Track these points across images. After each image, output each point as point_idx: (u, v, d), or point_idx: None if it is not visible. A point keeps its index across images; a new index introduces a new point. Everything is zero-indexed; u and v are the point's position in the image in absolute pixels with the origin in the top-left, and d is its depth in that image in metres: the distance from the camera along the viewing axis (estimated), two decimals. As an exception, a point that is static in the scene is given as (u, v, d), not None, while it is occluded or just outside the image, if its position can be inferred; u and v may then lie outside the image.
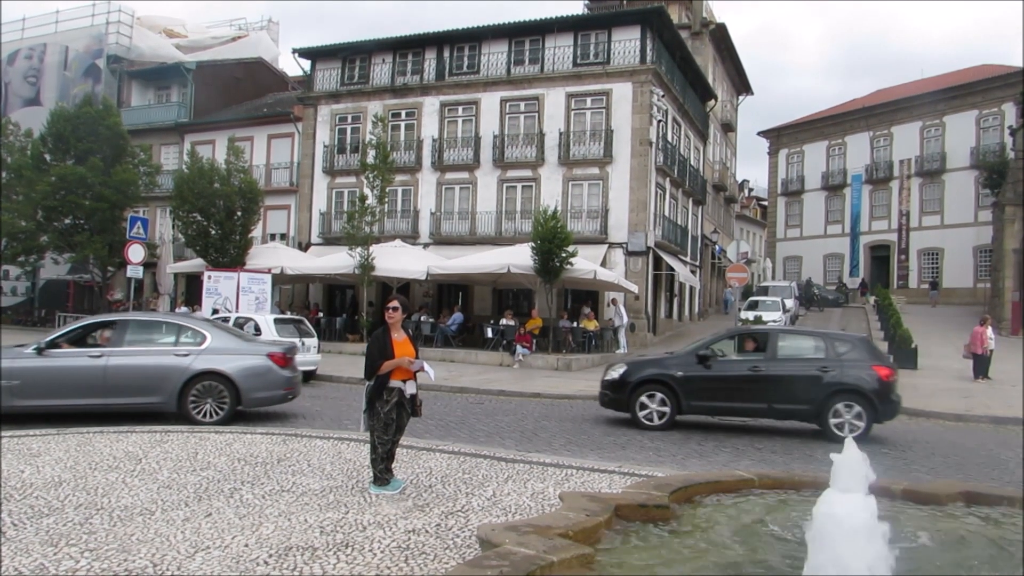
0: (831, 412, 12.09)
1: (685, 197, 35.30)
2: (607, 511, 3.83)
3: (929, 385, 19.27)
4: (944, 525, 4.07)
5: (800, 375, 12.35)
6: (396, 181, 29.74)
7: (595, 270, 24.06)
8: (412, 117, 32.18)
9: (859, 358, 12.47)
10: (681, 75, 33.66)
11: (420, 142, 31.71)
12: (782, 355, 12.79)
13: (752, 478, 4.75)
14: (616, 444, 11.12)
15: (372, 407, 7.22)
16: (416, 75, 32.43)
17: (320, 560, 5.06)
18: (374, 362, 7.22)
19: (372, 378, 7.22)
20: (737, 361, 12.86)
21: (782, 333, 13.95)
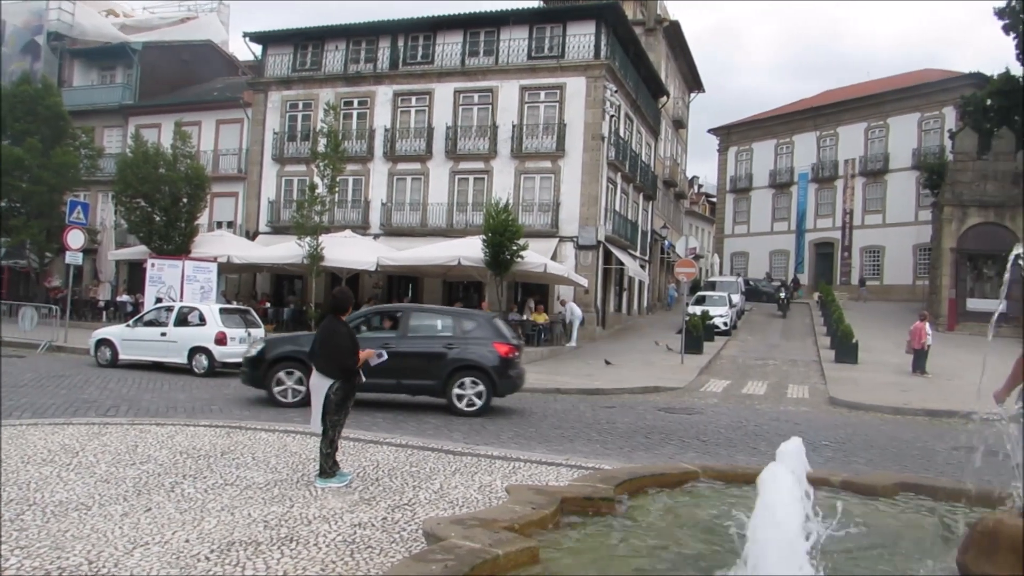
0: (455, 387, 12.77)
1: (636, 192, 35.58)
2: (553, 504, 3.84)
3: (869, 379, 19.75)
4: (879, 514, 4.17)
5: (426, 352, 12.94)
6: (347, 170, 29.34)
7: (545, 263, 24.12)
8: (364, 106, 31.85)
9: (483, 336, 13.04)
10: (634, 71, 33.88)
11: (372, 131, 31.41)
12: (413, 333, 13.22)
13: (696, 470, 4.81)
14: (564, 437, 11.18)
15: (344, 404, 7.19)
16: (370, 64, 32.10)
17: (264, 555, 4.99)
18: (352, 357, 7.19)
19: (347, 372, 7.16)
20: (370, 339, 12.70)
21: (415, 312, 14.31)
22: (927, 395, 17.19)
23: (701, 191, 69.28)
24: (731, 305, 33.19)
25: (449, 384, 12.81)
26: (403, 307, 15.92)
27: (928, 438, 12.43)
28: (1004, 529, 2.83)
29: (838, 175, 50.76)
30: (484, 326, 13.32)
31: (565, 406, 14.60)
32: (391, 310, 15.09)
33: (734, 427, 12.79)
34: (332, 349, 7.16)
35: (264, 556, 4.96)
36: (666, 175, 44.13)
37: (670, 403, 15.60)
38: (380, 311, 14.93)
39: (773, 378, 20.48)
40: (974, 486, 3.87)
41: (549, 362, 22.50)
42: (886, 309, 38.69)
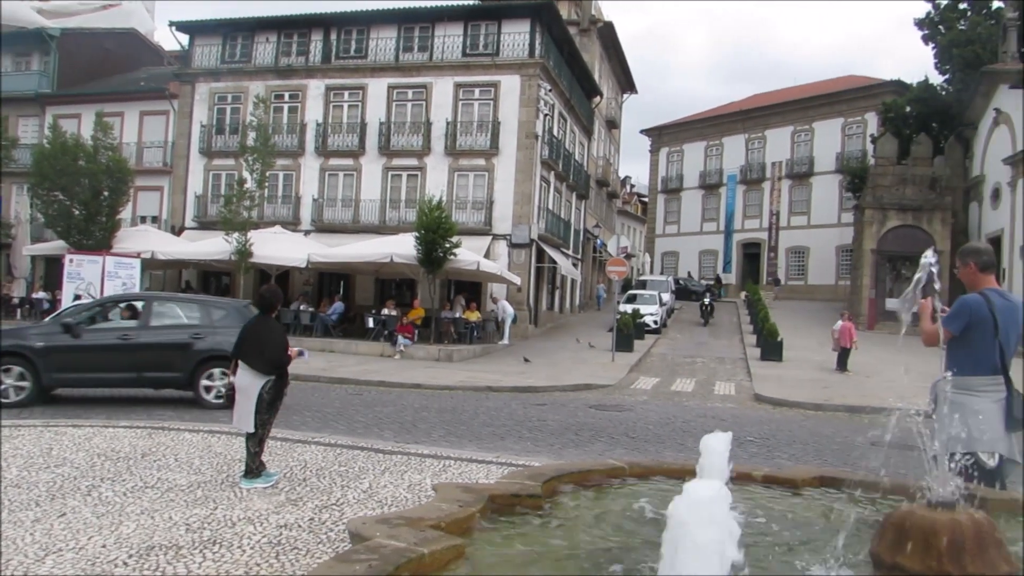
0: (203, 379, 12.13)
1: (569, 191, 35.84)
2: (481, 501, 3.83)
3: (792, 376, 20.28)
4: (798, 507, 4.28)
5: (169, 342, 12.16)
6: (277, 165, 28.90)
7: (479, 261, 24.11)
8: (296, 100, 31.33)
9: (234, 325, 11.96)
10: (568, 71, 34.11)
11: (304, 126, 30.93)
12: (156, 323, 12.43)
13: (623, 466, 4.86)
14: (495, 435, 11.19)
15: (275, 402, 7.09)
16: (301, 57, 31.59)
17: (185, 559, 4.85)
18: (286, 353, 7.11)
19: (278, 372, 7.06)
20: (107, 330, 12.25)
21: (158, 300, 13.42)
22: (847, 392, 17.73)
23: (633, 191, 70.18)
24: (661, 304, 33.70)
25: (196, 376, 12.07)
26: (146, 295, 15.02)
27: (847, 433, 12.81)
28: (915, 520, 2.92)
29: (765, 177, 52.03)
30: (235, 315, 12.46)
31: (497, 404, 14.61)
32: (131, 298, 14.22)
33: (663, 424, 12.98)
34: (265, 346, 7.06)
35: (185, 560, 4.83)
36: (599, 175, 44.58)
37: (601, 400, 15.76)
38: (118, 299, 14.07)
39: (701, 375, 20.87)
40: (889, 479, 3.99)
41: (482, 360, 22.52)
42: (810, 308, 39.80)
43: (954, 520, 2.88)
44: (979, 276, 4.94)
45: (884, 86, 46.41)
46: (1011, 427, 4.74)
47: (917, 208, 34.04)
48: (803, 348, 25.53)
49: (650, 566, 2.93)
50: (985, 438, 4.68)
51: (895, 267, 33.90)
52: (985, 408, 4.70)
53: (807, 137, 50.56)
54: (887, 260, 34.01)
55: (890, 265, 34.05)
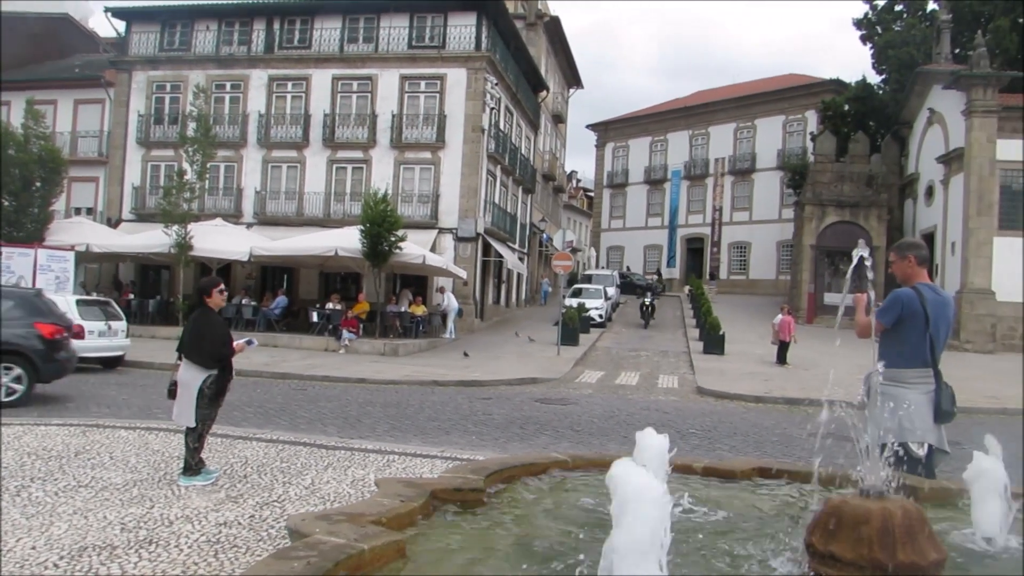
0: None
1: (515, 185, 35.88)
2: (423, 496, 3.81)
3: (734, 369, 20.62)
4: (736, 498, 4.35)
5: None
6: (218, 157, 28.32)
7: (424, 255, 23.99)
8: (238, 90, 30.74)
9: (21, 316, 11.67)
10: (515, 64, 34.11)
11: (246, 117, 30.37)
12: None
13: (566, 459, 4.89)
14: (440, 429, 11.16)
15: (218, 397, 6.96)
16: (243, 46, 30.98)
17: (120, 559, 4.73)
18: (228, 347, 6.96)
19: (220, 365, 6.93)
20: None
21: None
22: (786, 384, 18.10)
23: (579, 185, 70.58)
24: (607, 298, 33.97)
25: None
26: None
27: (787, 424, 13.09)
28: (847, 509, 2.99)
29: (709, 173, 52.80)
30: (24, 305, 11.82)
31: (442, 398, 14.58)
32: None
33: (607, 417, 13.09)
34: (206, 340, 6.91)
35: (120, 560, 4.71)
36: (545, 169, 44.72)
37: (546, 394, 15.83)
38: None
39: (645, 369, 21.10)
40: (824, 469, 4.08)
41: (428, 354, 22.44)
42: (752, 302, 40.54)
43: (885, 508, 2.95)
44: (916, 270, 5.08)
45: (824, 85, 47.46)
46: (940, 418, 4.89)
47: (854, 204, 34.91)
48: (745, 342, 25.98)
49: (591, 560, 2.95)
50: (915, 429, 4.82)
51: (833, 262, 34.70)
52: (915, 400, 4.85)
53: (749, 134, 51.45)
54: (826, 255, 34.80)
55: (828, 260, 34.85)
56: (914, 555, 2.88)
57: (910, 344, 4.89)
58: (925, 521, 3.01)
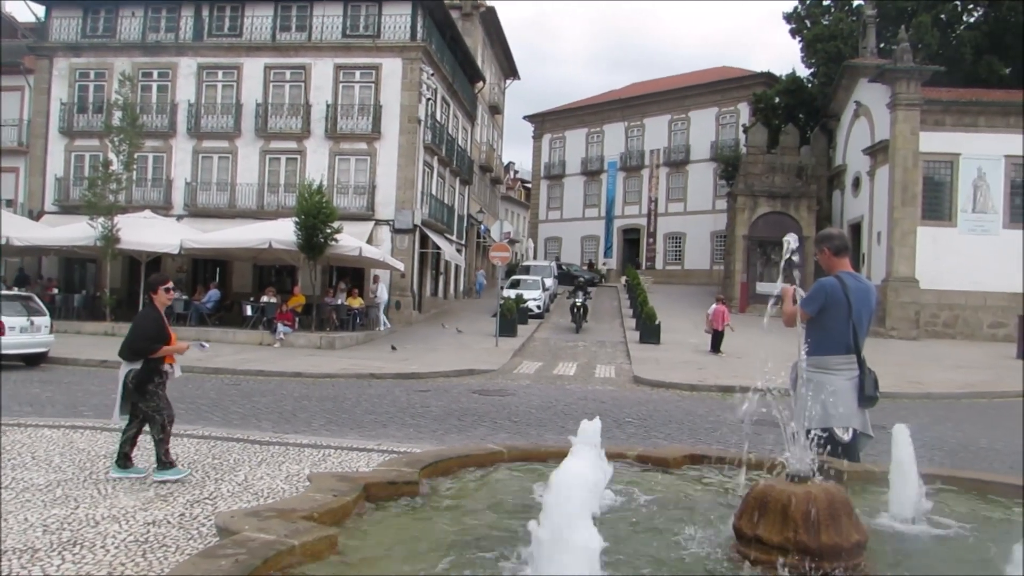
0: None
1: (452, 176, 35.74)
2: (356, 490, 3.77)
3: (670, 358, 20.94)
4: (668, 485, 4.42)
5: None
6: (147, 147, 27.55)
7: (361, 247, 23.73)
8: (166, 78, 29.89)
9: None
10: (451, 55, 33.92)
11: (175, 106, 29.55)
12: None
13: (501, 450, 4.89)
14: (377, 422, 11.08)
15: (146, 391, 6.78)
16: (171, 33, 30.10)
17: (42, 562, 4.58)
18: (150, 344, 6.82)
19: (139, 359, 6.79)
20: None
21: None
22: (720, 372, 18.44)
23: (517, 177, 70.69)
24: (544, 289, 34.12)
25: None
26: None
27: (720, 412, 13.35)
28: (773, 493, 3.06)
29: (644, 165, 53.40)
30: None
31: (380, 391, 14.47)
32: None
33: (544, 407, 13.17)
34: (130, 332, 6.90)
35: (42, 563, 4.56)
36: (482, 160, 44.65)
37: (484, 385, 15.84)
38: None
39: (582, 359, 21.27)
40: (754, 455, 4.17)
41: (365, 347, 22.24)
42: (686, 292, 41.17)
43: (809, 492, 3.03)
44: (833, 260, 5.23)
45: (755, 78, 48.39)
46: (863, 403, 5.04)
47: (785, 196, 35.72)
48: (680, 331, 26.39)
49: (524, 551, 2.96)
50: (839, 414, 4.96)
51: (765, 252, 35.47)
52: (839, 386, 4.99)
53: (683, 126, 52.17)
54: (758, 245, 35.54)
55: (760, 250, 35.60)
56: (837, 537, 2.97)
57: (834, 332, 5.03)
58: (848, 504, 3.10)
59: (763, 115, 41.46)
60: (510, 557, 3.05)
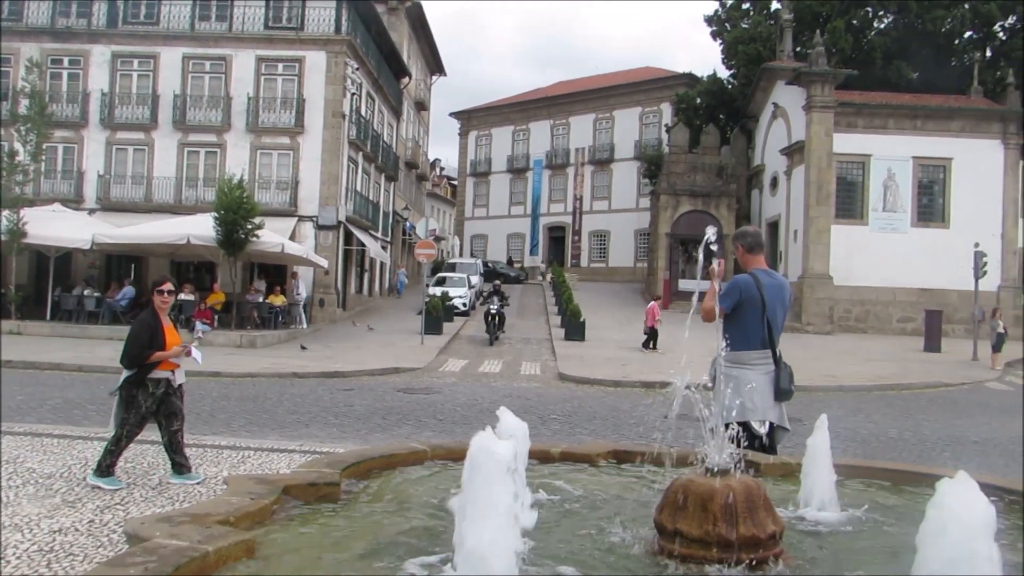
0: None
1: (378, 172, 35.37)
2: (275, 493, 3.67)
3: (594, 355, 21.15)
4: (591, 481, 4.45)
5: None
6: (56, 137, 26.45)
7: (283, 243, 23.28)
8: (77, 66, 28.73)
9: None
10: (376, 49, 33.55)
11: (87, 95, 28.44)
12: None
13: (425, 449, 4.84)
14: (299, 422, 10.88)
15: (133, 401, 6.50)
16: (83, 19, 28.90)
17: (-67, 575, 4.34)
18: (142, 350, 6.49)
19: (134, 367, 6.50)
20: None
21: None
22: (643, 368, 18.73)
23: (443, 174, 70.41)
24: (470, 286, 34.08)
25: None
26: None
27: (643, 407, 13.53)
28: (693, 487, 3.10)
29: (569, 163, 53.85)
30: None
31: (302, 390, 14.22)
32: None
33: (470, 405, 13.14)
34: (126, 338, 6.62)
35: (-65, 576, 4.32)
36: (408, 156, 44.32)
37: (409, 383, 15.73)
38: None
39: (508, 356, 21.31)
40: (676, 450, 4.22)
41: (287, 345, 21.82)
42: (611, 289, 41.70)
43: (727, 485, 3.08)
44: (747, 257, 5.36)
45: (678, 78, 49.29)
46: (780, 397, 5.17)
47: (706, 194, 36.48)
48: (605, 328, 26.69)
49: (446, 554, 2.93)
50: (756, 408, 5.08)
51: (687, 250, 36.16)
52: (756, 380, 5.10)
53: (608, 125, 52.80)
54: (680, 243, 36.21)
55: (683, 248, 36.28)
56: (754, 528, 3.02)
57: (750, 327, 5.14)
58: (765, 496, 3.16)
59: (685, 115, 42.26)
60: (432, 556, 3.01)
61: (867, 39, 37.06)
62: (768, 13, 42.27)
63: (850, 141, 30.23)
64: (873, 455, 9.77)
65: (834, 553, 3.35)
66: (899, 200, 30.40)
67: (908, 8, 35.40)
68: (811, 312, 29.67)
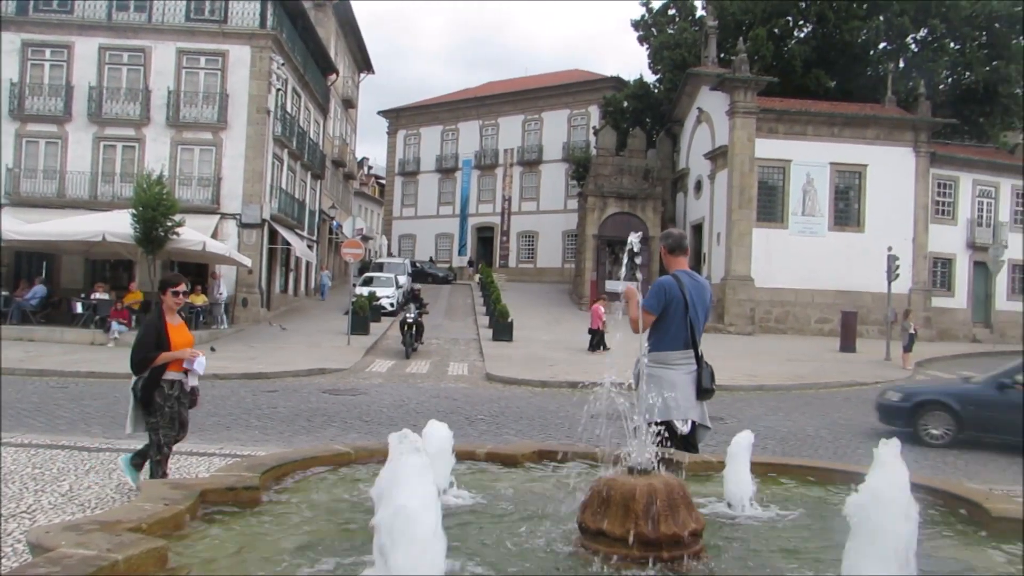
0: None
1: (304, 170, 34.80)
2: (191, 498, 3.55)
3: (522, 355, 21.22)
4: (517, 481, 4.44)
5: None
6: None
7: (205, 241, 22.67)
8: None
9: None
10: (303, 45, 33.01)
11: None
12: None
13: (349, 451, 4.76)
14: (220, 425, 10.62)
15: (151, 404, 6.20)
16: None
17: None
18: (148, 353, 6.20)
19: (143, 371, 6.22)
20: None
21: None
22: (570, 368, 18.86)
23: (371, 173, 69.71)
24: (398, 286, 33.83)
25: None
26: None
27: (570, 407, 13.63)
28: (615, 487, 3.12)
29: (498, 163, 53.95)
30: None
31: (224, 392, 13.86)
32: None
33: (397, 406, 13.03)
34: (133, 342, 6.33)
35: None
36: (335, 155, 43.74)
37: (335, 384, 15.51)
38: None
39: (436, 357, 21.22)
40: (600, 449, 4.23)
41: (207, 346, 21.26)
42: (539, 290, 41.92)
43: (649, 484, 3.10)
44: (669, 258, 5.45)
45: (606, 81, 49.86)
46: (701, 396, 5.27)
47: (633, 197, 36.98)
48: (533, 328, 26.81)
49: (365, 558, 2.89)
50: (679, 407, 5.16)
51: (614, 251, 36.60)
52: (678, 380, 5.18)
53: (537, 126, 53.09)
54: (607, 244, 36.63)
55: (609, 249, 36.70)
56: (675, 527, 3.05)
57: (672, 328, 5.22)
58: (686, 494, 3.20)
59: (612, 118, 42.77)
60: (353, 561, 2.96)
61: (788, 47, 38.15)
62: (693, 19, 43.13)
63: (771, 146, 31.06)
64: (791, 452, 10.05)
65: (753, 548, 3.42)
66: (817, 204, 31.36)
67: (826, 18, 36.56)
68: (733, 313, 30.36)
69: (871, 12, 36.61)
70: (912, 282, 30.84)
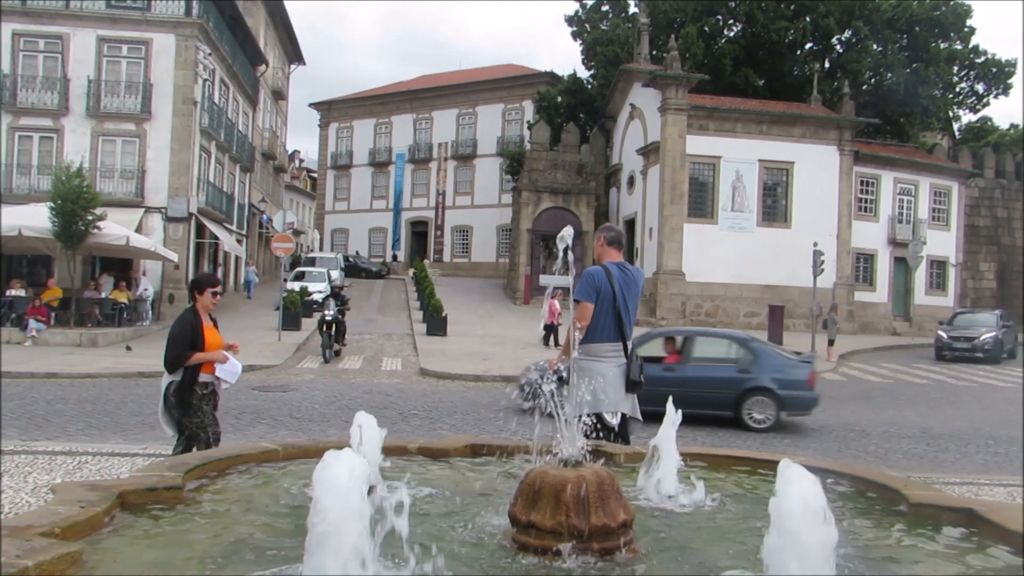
0: None
1: (232, 163, 34.04)
2: (108, 500, 3.42)
3: (456, 350, 21.16)
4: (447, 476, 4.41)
5: None
6: None
7: (128, 236, 21.98)
8: None
9: None
10: (231, 35, 32.25)
11: (-102, 72, 25.89)
12: None
13: (276, 448, 4.66)
14: (144, 424, 10.29)
15: (188, 405, 5.96)
16: None
17: None
18: (182, 352, 5.94)
19: (177, 370, 5.96)
20: None
21: None
22: (503, 363, 18.88)
23: (302, 166, 68.62)
24: (330, 281, 33.35)
25: None
26: None
27: (504, 402, 13.64)
28: (546, 479, 3.12)
29: (432, 157, 53.66)
30: None
31: (149, 391, 13.41)
32: None
33: (328, 402, 12.85)
34: (167, 341, 6.06)
35: None
36: (265, 147, 42.88)
37: (265, 381, 15.22)
38: None
39: (369, 352, 21.01)
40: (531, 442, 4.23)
41: (132, 344, 20.65)
42: (473, 285, 41.86)
43: (580, 476, 3.11)
44: (605, 249, 5.47)
45: (540, 76, 49.99)
46: (631, 389, 5.30)
47: (567, 192, 37.20)
48: (467, 323, 26.76)
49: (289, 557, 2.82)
50: (609, 400, 5.19)
51: (548, 246, 36.76)
52: (608, 372, 5.21)
53: (471, 120, 52.95)
54: (541, 239, 36.77)
55: (543, 244, 36.86)
56: (606, 518, 3.07)
57: (601, 320, 5.24)
58: (616, 485, 3.21)
59: (546, 113, 42.93)
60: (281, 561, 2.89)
61: (718, 46, 38.83)
62: (626, 16, 43.57)
63: (702, 143, 31.59)
64: (719, 444, 10.25)
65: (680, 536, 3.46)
66: (746, 201, 32.03)
67: (755, 18, 37.32)
68: (664, 307, 30.82)
69: (798, 13, 37.52)
70: (836, 277, 31.76)
